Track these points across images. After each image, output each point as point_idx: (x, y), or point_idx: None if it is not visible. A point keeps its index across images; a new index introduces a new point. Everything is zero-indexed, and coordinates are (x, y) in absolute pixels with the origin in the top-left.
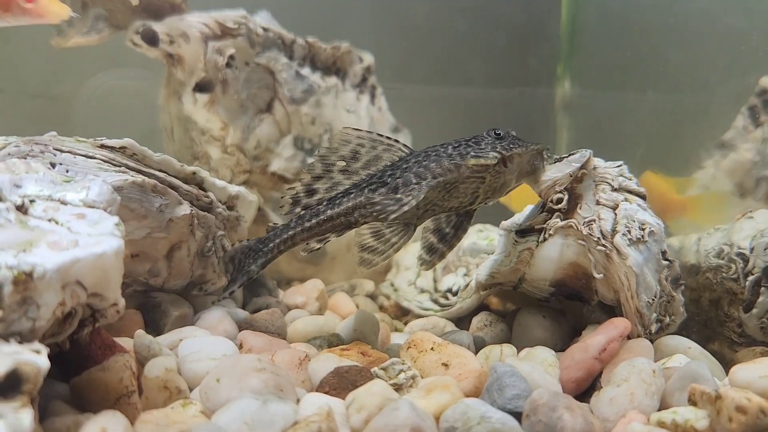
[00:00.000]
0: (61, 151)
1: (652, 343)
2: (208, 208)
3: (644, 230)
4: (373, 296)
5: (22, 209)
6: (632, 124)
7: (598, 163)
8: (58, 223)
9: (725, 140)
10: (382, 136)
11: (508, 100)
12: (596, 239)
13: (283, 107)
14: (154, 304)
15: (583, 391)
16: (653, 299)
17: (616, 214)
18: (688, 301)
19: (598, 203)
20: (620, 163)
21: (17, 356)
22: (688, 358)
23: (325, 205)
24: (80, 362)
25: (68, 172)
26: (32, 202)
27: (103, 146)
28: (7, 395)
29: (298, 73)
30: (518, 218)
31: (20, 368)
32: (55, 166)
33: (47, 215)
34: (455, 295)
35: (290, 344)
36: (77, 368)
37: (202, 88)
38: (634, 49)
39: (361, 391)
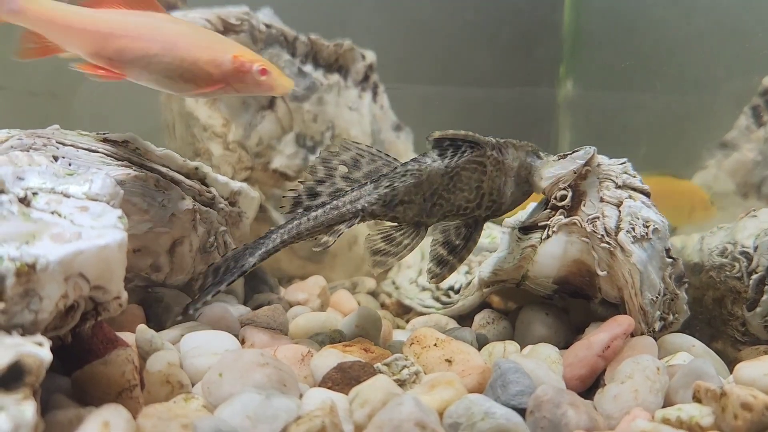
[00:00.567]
0: (63, 144)
1: (655, 340)
2: (210, 203)
3: (648, 227)
4: (374, 294)
5: (24, 201)
6: (634, 124)
7: (602, 160)
8: (60, 215)
9: (728, 140)
10: (381, 152)
11: (510, 99)
12: (600, 236)
13: (285, 104)
14: (156, 299)
15: (586, 388)
16: (657, 297)
17: (620, 211)
18: (691, 299)
19: (601, 200)
20: (624, 160)
21: (19, 348)
22: (691, 355)
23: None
24: (82, 356)
25: (71, 165)
26: (35, 194)
27: (105, 140)
28: (9, 387)
29: (300, 70)
30: (521, 215)
31: (22, 360)
32: (57, 159)
33: (50, 208)
34: (457, 292)
35: (292, 340)
36: (79, 362)
37: None
38: (636, 49)
39: (364, 386)
